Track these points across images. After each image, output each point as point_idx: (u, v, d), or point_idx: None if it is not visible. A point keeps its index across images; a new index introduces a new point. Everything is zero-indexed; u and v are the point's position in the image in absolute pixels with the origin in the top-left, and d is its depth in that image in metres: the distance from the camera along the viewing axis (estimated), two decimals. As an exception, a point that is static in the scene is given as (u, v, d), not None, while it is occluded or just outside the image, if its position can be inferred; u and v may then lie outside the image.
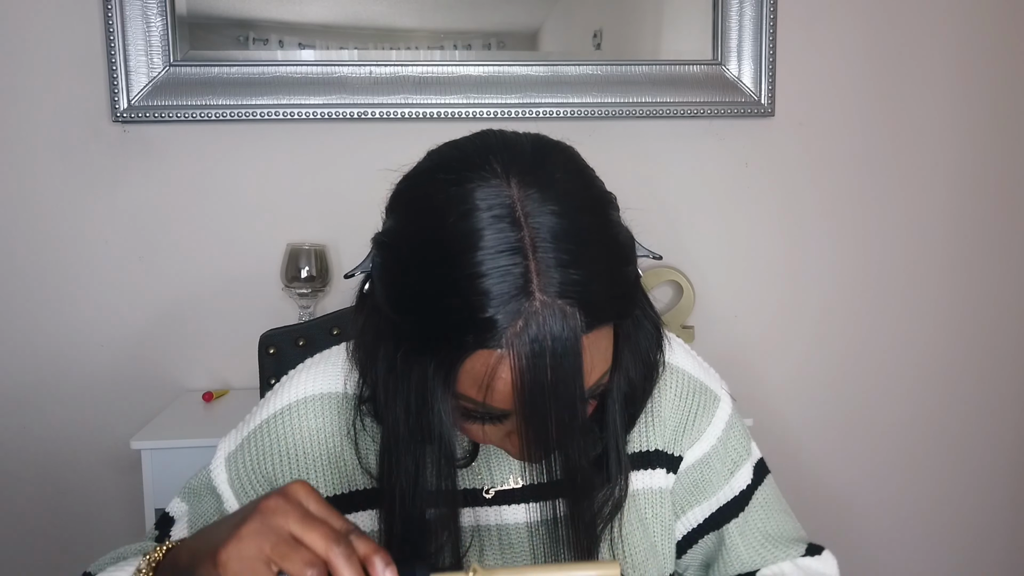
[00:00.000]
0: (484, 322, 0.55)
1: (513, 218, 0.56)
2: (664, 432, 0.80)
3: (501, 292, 0.55)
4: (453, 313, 0.57)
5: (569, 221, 0.57)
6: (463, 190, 0.58)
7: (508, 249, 0.56)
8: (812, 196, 1.82)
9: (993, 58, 1.84)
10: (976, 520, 1.97)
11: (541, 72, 1.70)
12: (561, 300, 0.56)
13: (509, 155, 0.60)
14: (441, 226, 0.58)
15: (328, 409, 0.76)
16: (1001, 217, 1.89)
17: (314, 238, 1.67)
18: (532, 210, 0.57)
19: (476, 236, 0.56)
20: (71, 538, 1.71)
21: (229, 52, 1.64)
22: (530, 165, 0.59)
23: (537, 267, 0.56)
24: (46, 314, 1.66)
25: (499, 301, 0.55)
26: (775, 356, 1.85)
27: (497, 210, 0.57)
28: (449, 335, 0.57)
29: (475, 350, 0.57)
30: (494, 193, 0.57)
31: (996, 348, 1.92)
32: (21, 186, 1.64)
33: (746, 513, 0.83)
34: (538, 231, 0.56)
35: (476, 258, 0.56)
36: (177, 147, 1.66)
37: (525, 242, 0.56)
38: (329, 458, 0.76)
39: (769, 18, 1.72)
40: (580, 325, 0.56)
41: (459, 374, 0.58)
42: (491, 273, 0.55)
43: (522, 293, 0.55)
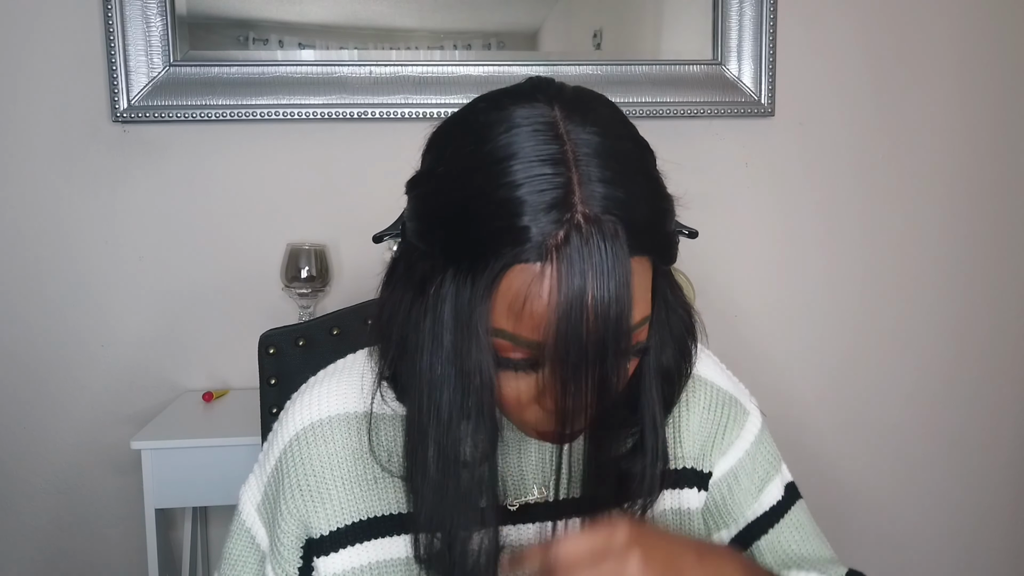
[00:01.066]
0: (521, 232, 0.53)
1: (556, 132, 0.55)
2: (693, 448, 0.77)
3: (540, 201, 0.53)
4: (490, 224, 0.54)
5: (612, 142, 0.56)
6: (505, 111, 0.56)
7: (549, 159, 0.54)
8: (812, 196, 1.82)
9: (993, 58, 1.84)
10: (976, 520, 1.97)
11: (541, 72, 1.70)
12: (604, 215, 0.53)
13: (552, 89, 0.59)
14: (481, 142, 0.56)
15: (342, 431, 0.71)
16: (1000, 217, 1.89)
17: (314, 238, 1.67)
18: (575, 128, 0.55)
19: (516, 146, 0.54)
20: (71, 538, 1.71)
21: (229, 52, 1.64)
22: (572, 98, 0.58)
23: (579, 179, 0.53)
24: (46, 314, 1.66)
25: (538, 210, 0.53)
26: (775, 356, 1.85)
27: (539, 125, 0.55)
28: (486, 250, 0.54)
29: (512, 264, 0.53)
30: (537, 112, 0.56)
31: (996, 348, 1.92)
32: (21, 186, 1.64)
33: (777, 531, 0.77)
34: (580, 146, 0.55)
35: (515, 166, 0.53)
36: (177, 147, 1.66)
37: (568, 154, 0.54)
38: (350, 483, 0.70)
39: (769, 18, 1.72)
40: (624, 244, 0.53)
41: (496, 298, 0.55)
42: (529, 181, 0.53)
43: (563, 204, 0.53)
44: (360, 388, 0.72)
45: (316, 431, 0.71)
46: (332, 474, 0.71)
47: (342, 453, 0.71)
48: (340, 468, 0.71)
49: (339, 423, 0.71)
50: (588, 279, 0.52)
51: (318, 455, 0.71)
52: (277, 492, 0.72)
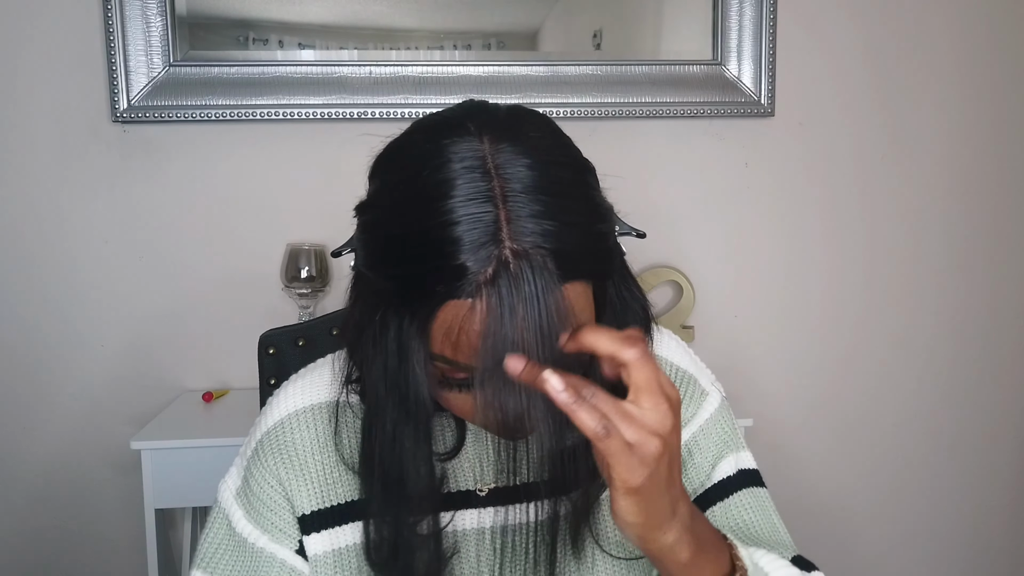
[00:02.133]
0: (453, 270, 0.55)
1: (484, 169, 0.57)
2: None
3: (471, 240, 0.55)
4: (425, 262, 0.57)
5: (540, 173, 0.58)
6: (437, 145, 0.59)
7: (478, 197, 0.56)
8: (812, 196, 1.82)
9: (992, 58, 1.84)
10: (975, 521, 1.97)
11: (541, 72, 1.70)
12: (532, 249, 0.55)
13: (484, 117, 0.61)
14: (415, 178, 0.59)
15: (314, 420, 0.76)
16: (1000, 217, 1.89)
17: (314, 238, 1.67)
18: (503, 162, 0.57)
19: (447, 185, 0.57)
20: (71, 538, 1.71)
21: (229, 52, 1.64)
22: (503, 125, 0.60)
23: (508, 215, 0.56)
24: (46, 314, 1.66)
25: (468, 248, 0.55)
26: (774, 356, 1.85)
27: (468, 161, 0.57)
28: (420, 286, 0.57)
29: (446, 300, 0.56)
30: (467, 147, 0.58)
31: (995, 348, 1.92)
32: (21, 186, 1.64)
33: (726, 504, 0.78)
34: (508, 181, 0.57)
35: (446, 206, 0.56)
36: (177, 147, 1.66)
37: (495, 191, 0.56)
38: (328, 467, 0.75)
39: (769, 18, 1.72)
40: (554, 275, 0.56)
41: (432, 329, 0.58)
42: (461, 221, 0.55)
43: (492, 241, 0.55)
44: (332, 383, 0.77)
45: (296, 419, 0.76)
46: (312, 458, 0.75)
47: (320, 439, 0.75)
48: (320, 453, 0.75)
49: (317, 412, 0.76)
50: (518, 311, 0.55)
51: (300, 440, 0.75)
52: (261, 474, 0.75)
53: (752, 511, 0.78)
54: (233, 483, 0.78)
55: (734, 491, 0.78)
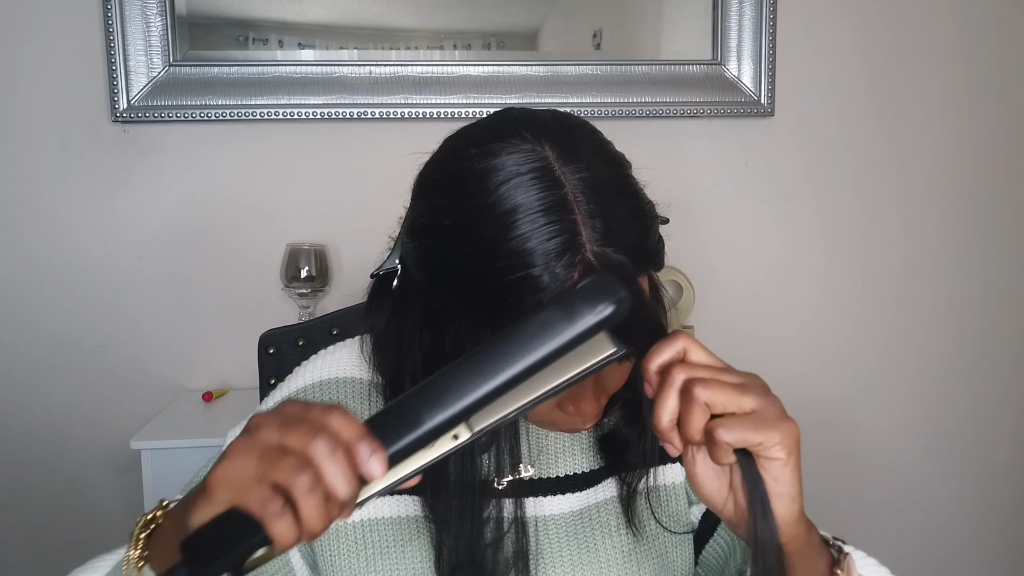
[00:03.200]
0: (539, 280, 0.57)
1: (552, 177, 0.58)
2: None
3: (553, 248, 0.57)
4: (507, 275, 0.57)
5: (599, 176, 0.60)
6: (498, 159, 0.59)
7: (553, 205, 0.57)
8: (811, 196, 1.82)
9: (992, 58, 1.84)
10: (975, 520, 1.96)
11: (541, 72, 1.70)
12: (608, 248, 0.58)
13: (535, 125, 0.62)
14: (482, 195, 0.59)
15: (349, 393, 0.75)
16: (999, 217, 1.89)
17: (314, 238, 1.67)
18: (567, 168, 0.59)
19: (520, 198, 0.58)
20: (71, 538, 1.71)
21: (229, 52, 1.64)
22: (556, 131, 0.62)
23: (582, 220, 0.58)
24: (46, 314, 1.66)
25: (551, 257, 0.57)
26: (775, 355, 1.85)
27: (536, 172, 0.59)
28: (507, 299, 0.58)
29: None
30: (529, 157, 0.59)
31: (994, 348, 1.92)
32: (21, 186, 1.64)
33: None
34: (577, 186, 0.58)
35: (523, 219, 0.57)
36: (177, 147, 1.66)
37: (568, 197, 0.58)
38: None
39: (769, 18, 1.72)
40: (630, 271, 0.59)
41: None
42: (539, 231, 0.57)
43: (572, 247, 0.57)
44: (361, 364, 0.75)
45: (328, 386, 0.75)
46: None
47: (353, 409, 0.73)
48: None
49: (351, 385, 0.75)
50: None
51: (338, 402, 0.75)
52: None
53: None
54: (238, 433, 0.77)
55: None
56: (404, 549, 0.72)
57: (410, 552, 0.72)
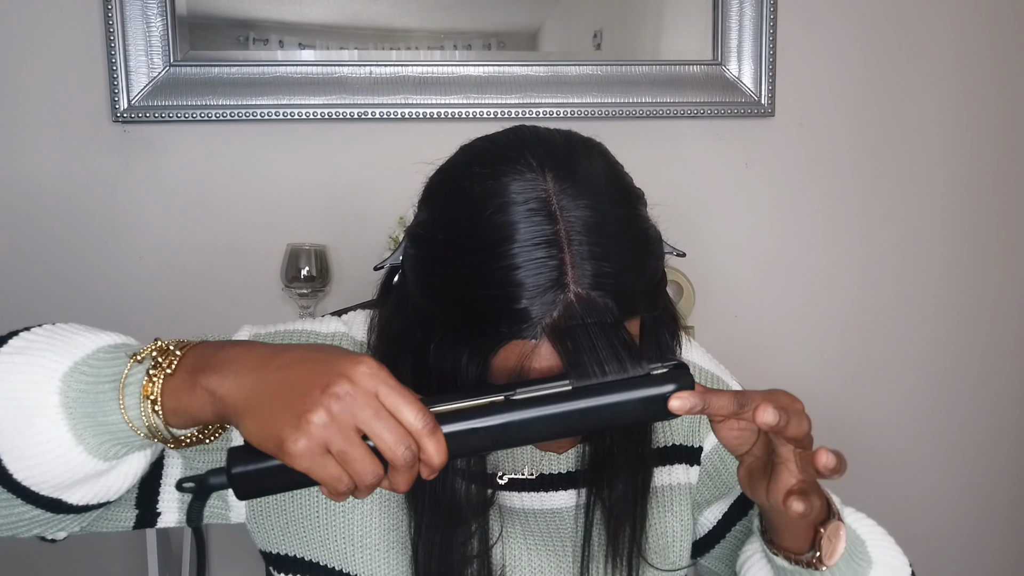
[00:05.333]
0: (519, 313, 0.57)
1: (549, 211, 0.58)
2: (682, 425, 0.81)
3: (536, 284, 0.57)
4: (488, 304, 0.58)
5: (602, 215, 0.59)
6: (499, 183, 0.59)
7: (543, 242, 0.57)
8: (812, 196, 1.82)
9: (993, 58, 1.84)
10: (976, 519, 1.97)
11: (541, 72, 1.70)
12: (595, 292, 0.57)
13: (544, 150, 0.62)
14: (477, 218, 0.59)
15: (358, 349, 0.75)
16: (1001, 216, 1.89)
17: (314, 238, 1.67)
18: (566, 204, 0.58)
19: (512, 228, 0.58)
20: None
21: (229, 52, 1.64)
22: (564, 159, 0.61)
23: (572, 259, 0.57)
24: (46, 314, 1.66)
25: (534, 292, 0.57)
26: (775, 356, 1.85)
27: (533, 204, 0.58)
28: (484, 326, 0.58)
29: (509, 340, 0.58)
30: (530, 187, 0.59)
31: (997, 347, 1.92)
32: (21, 186, 1.63)
33: None
34: (572, 224, 0.58)
35: (512, 250, 0.57)
36: (177, 147, 1.66)
37: (560, 235, 0.57)
38: None
39: (769, 18, 1.72)
40: (615, 315, 0.58)
41: (492, 364, 0.59)
42: (526, 265, 0.57)
43: (557, 285, 0.57)
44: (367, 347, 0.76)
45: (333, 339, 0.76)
46: None
47: None
48: None
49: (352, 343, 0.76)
50: (582, 352, 0.56)
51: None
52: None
53: None
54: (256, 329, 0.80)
55: None
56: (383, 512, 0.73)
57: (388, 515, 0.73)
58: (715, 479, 0.82)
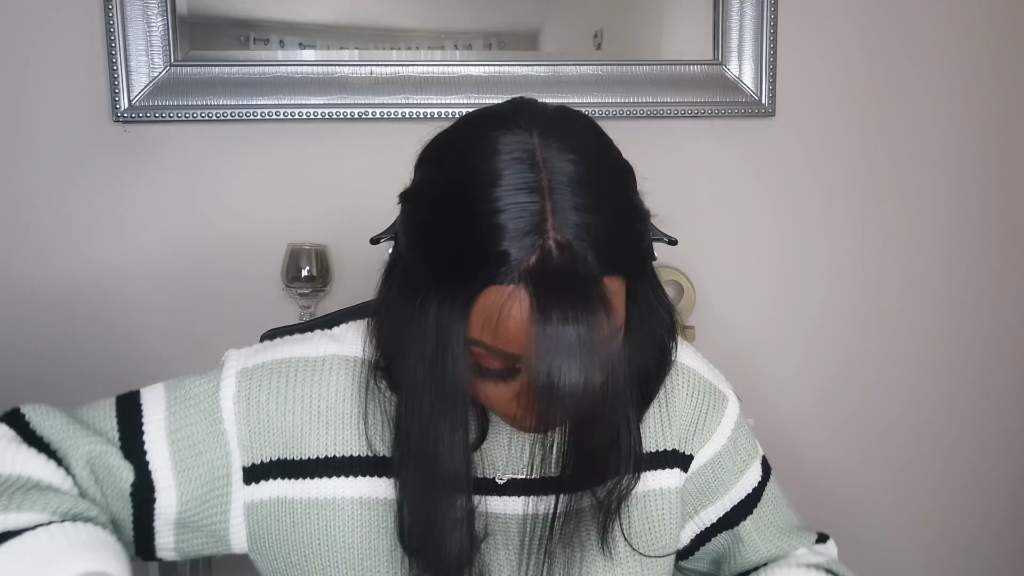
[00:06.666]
0: (497, 256, 0.57)
1: (532, 161, 0.59)
2: (678, 431, 0.81)
3: (516, 228, 0.57)
4: (469, 248, 0.58)
5: (586, 169, 0.60)
6: (488, 138, 0.61)
7: (525, 187, 0.58)
8: (812, 196, 1.82)
9: (993, 58, 1.84)
10: (976, 518, 1.97)
11: (541, 72, 1.70)
12: (575, 240, 0.58)
13: (534, 113, 0.64)
14: (465, 167, 0.61)
15: (345, 369, 0.75)
16: (1001, 216, 1.89)
17: (315, 238, 1.67)
18: (551, 156, 0.60)
19: (495, 174, 0.59)
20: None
21: (230, 52, 1.64)
22: (552, 121, 0.63)
23: (553, 207, 0.58)
24: (46, 313, 1.66)
25: (513, 236, 0.57)
26: (775, 356, 1.85)
27: (517, 153, 0.59)
28: (464, 271, 0.59)
29: (487, 285, 0.58)
30: (517, 140, 0.60)
31: (996, 346, 1.92)
32: (21, 186, 1.64)
33: (759, 509, 0.84)
34: (555, 175, 0.59)
35: (493, 194, 0.58)
36: (178, 147, 1.66)
37: (543, 183, 0.58)
38: (356, 419, 0.74)
39: (770, 18, 1.72)
40: (594, 267, 0.58)
41: (472, 314, 0.59)
42: (507, 209, 0.57)
43: (537, 231, 0.57)
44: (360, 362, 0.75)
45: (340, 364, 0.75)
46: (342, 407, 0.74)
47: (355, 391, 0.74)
48: (350, 403, 0.74)
49: (343, 362, 0.75)
50: (557, 300, 0.57)
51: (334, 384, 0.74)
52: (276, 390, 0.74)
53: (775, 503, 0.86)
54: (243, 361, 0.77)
55: (763, 490, 0.85)
56: (369, 531, 0.73)
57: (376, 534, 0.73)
58: (704, 488, 0.83)
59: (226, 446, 0.73)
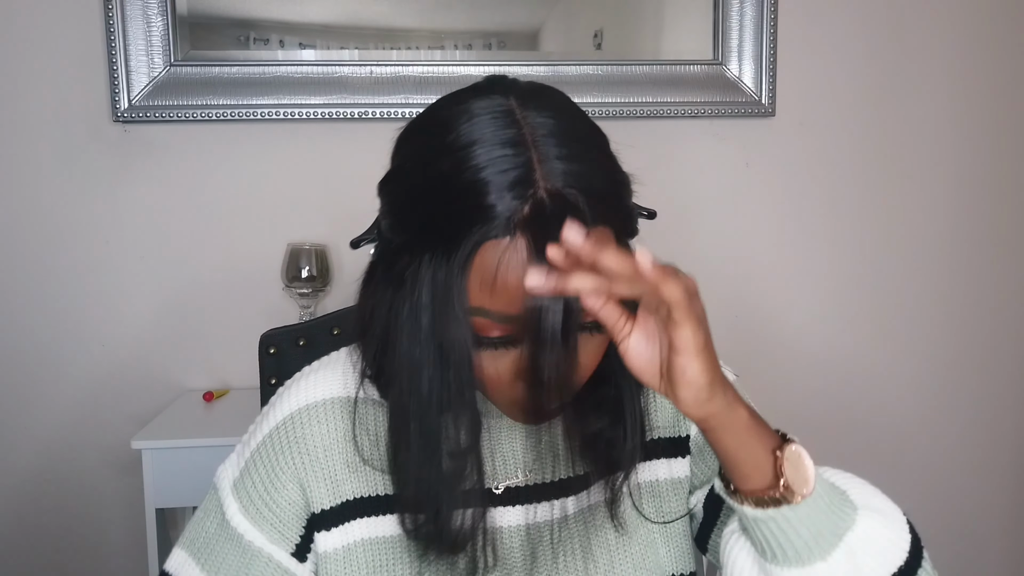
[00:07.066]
0: (488, 210, 0.57)
1: (512, 118, 0.59)
2: (666, 416, 0.79)
3: (504, 181, 0.57)
4: (459, 207, 0.58)
5: (567, 124, 0.60)
6: (466, 103, 0.61)
7: (508, 142, 0.58)
8: (812, 196, 1.82)
9: (992, 57, 1.84)
10: (976, 517, 1.96)
11: (541, 72, 1.70)
12: (565, 188, 0.57)
13: (509, 84, 0.64)
14: (444, 134, 0.60)
15: (334, 414, 0.73)
16: (1000, 216, 1.89)
17: (315, 238, 1.67)
18: (530, 114, 0.60)
19: (477, 133, 0.59)
20: (71, 538, 1.71)
21: (230, 52, 1.64)
22: (528, 90, 0.64)
23: (539, 157, 0.58)
24: (47, 313, 1.66)
25: (505, 188, 0.57)
26: (777, 356, 1.85)
27: (497, 113, 0.60)
28: (458, 232, 0.57)
29: (483, 242, 0.57)
30: (495, 103, 0.61)
31: (996, 346, 1.92)
32: (22, 186, 1.64)
33: None
34: (536, 129, 0.59)
35: (477, 151, 0.58)
36: (177, 147, 1.66)
37: (525, 136, 0.58)
38: (344, 462, 0.73)
39: (770, 18, 1.73)
40: (587, 214, 0.57)
41: (470, 276, 0.58)
42: (492, 163, 0.57)
43: (526, 181, 0.57)
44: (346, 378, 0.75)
45: (312, 411, 0.74)
46: (327, 452, 0.73)
47: (336, 433, 0.73)
48: (335, 447, 0.73)
49: (333, 405, 0.74)
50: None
51: (317, 433, 0.73)
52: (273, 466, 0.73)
53: None
54: (231, 472, 0.76)
55: None
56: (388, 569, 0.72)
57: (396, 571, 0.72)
58: (698, 463, 0.80)
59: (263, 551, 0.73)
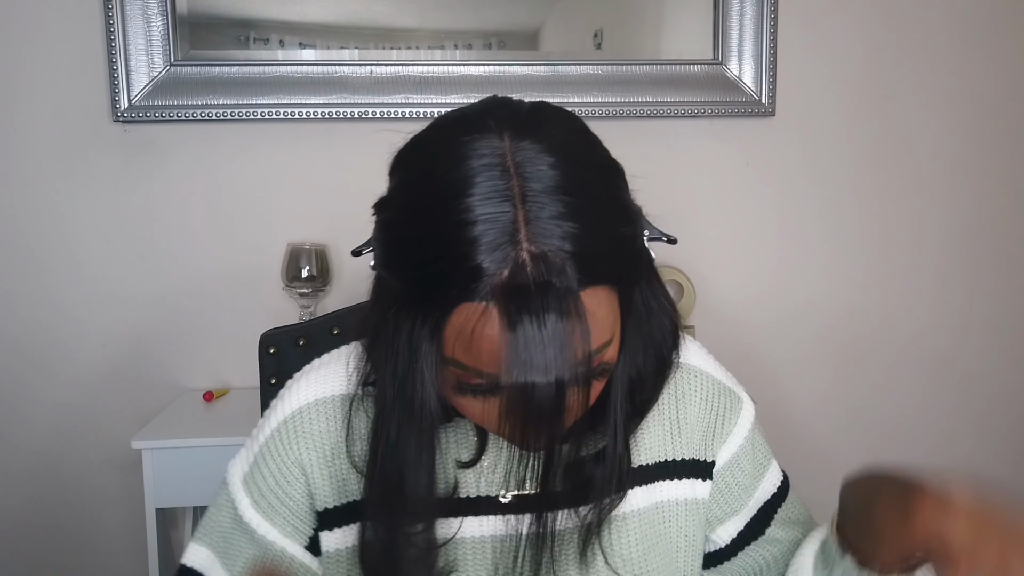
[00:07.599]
0: (468, 271, 0.53)
1: (503, 167, 0.55)
2: (693, 439, 0.78)
3: (487, 241, 0.53)
4: (438, 263, 0.55)
5: (563, 172, 0.55)
6: (456, 143, 0.57)
7: (496, 196, 0.54)
8: (812, 195, 1.82)
9: (992, 57, 1.84)
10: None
11: (541, 72, 1.70)
12: (552, 252, 0.53)
13: (506, 114, 0.59)
14: (432, 175, 0.57)
15: (330, 413, 0.73)
16: (999, 215, 1.89)
17: (315, 238, 1.67)
18: (523, 160, 0.55)
19: (464, 183, 0.54)
20: (71, 538, 1.71)
21: (230, 52, 1.64)
22: (525, 122, 0.58)
23: (526, 216, 0.53)
24: (47, 313, 1.66)
25: (484, 249, 0.53)
26: (776, 356, 1.85)
27: (487, 159, 0.55)
28: (434, 287, 0.55)
29: (459, 303, 0.54)
30: (486, 144, 0.56)
31: (995, 345, 1.92)
32: (22, 186, 1.64)
33: (784, 508, 0.82)
34: (528, 180, 0.54)
35: (462, 205, 0.54)
36: (177, 147, 1.66)
37: (514, 191, 0.54)
38: (338, 464, 0.73)
39: (770, 18, 1.72)
40: (573, 279, 0.53)
41: (445, 333, 0.56)
42: (477, 221, 0.53)
43: (509, 242, 0.53)
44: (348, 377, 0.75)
45: (320, 407, 0.73)
46: (334, 450, 0.73)
47: (330, 434, 0.73)
48: (325, 451, 0.73)
49: (342, 403, 0.73)
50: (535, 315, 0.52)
51: (324, 429, 0.73)
52: (281, 460, 0.73)
53: (796, 503, 0.84)
54: (241, 467, 0.75)
55: (787, 491, 0.84)
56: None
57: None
58: (727, 495, 0.80)
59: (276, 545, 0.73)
